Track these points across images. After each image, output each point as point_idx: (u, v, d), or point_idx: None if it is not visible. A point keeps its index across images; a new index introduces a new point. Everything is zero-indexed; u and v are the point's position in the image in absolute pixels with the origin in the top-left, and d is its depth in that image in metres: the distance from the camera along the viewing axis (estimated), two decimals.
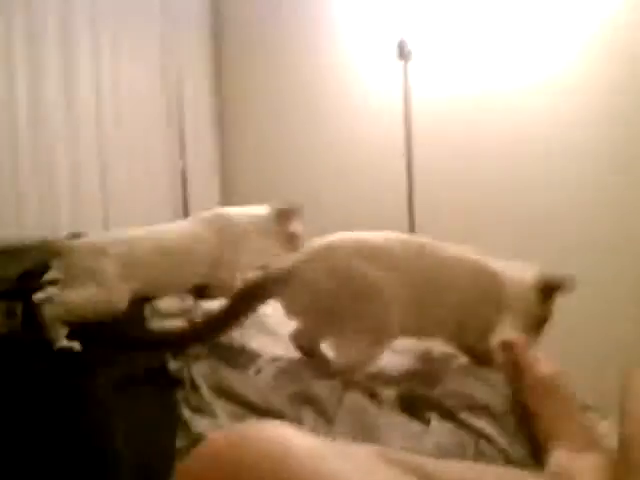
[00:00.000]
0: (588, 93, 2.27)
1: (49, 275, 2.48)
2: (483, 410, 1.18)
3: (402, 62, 2.47)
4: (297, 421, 1.19)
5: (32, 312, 1.85)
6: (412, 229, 2.37)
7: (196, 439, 1.14)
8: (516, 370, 1.21)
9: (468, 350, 1.43)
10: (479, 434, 1.13)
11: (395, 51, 2.47)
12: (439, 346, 1.47)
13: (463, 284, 1.36)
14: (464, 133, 2.56)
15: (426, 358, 1.48)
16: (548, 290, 1.36)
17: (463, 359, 1.45)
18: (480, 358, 1.40)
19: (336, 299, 1.31)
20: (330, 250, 1.35)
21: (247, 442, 0.65)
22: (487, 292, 1.36)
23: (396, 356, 1.46)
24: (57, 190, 3.41)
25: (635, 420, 0.81)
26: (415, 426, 1.15)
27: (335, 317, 1.32)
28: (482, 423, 1.15)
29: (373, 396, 1.26)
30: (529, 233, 2.35)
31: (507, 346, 1.26)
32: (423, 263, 1.36)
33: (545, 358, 1.21)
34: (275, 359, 1.45)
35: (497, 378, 1.29)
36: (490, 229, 1.90)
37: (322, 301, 1.32)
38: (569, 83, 2.30)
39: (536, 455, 1.08)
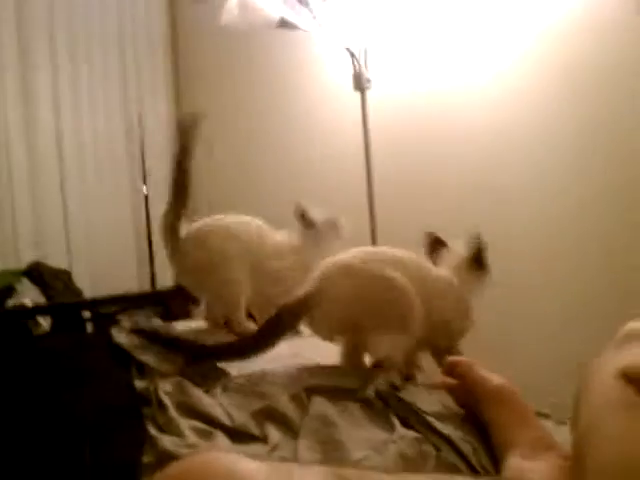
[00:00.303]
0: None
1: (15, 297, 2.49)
2: (449, 415, 1.22)
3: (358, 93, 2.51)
4: (262, 437, 1.21)
5: None
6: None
7: (163, 456, 1.16)
8: (465, 387, 1.24)
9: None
10: (445, 440, 1.14)
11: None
12: None
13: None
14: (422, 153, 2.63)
15: None
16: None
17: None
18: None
19: (371, 306, 1.39)
20: (361, 263, 1.42)
21: (192, 474, 0.68)
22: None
23: None
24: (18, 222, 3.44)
25: (592, 408, 0.80)
26: (380, 434, 1.16)
27: (371, 322, 1.39)
28: (447, 428, 1.17)
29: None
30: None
31: (450, 366, 1.30)
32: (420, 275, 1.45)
33: (489, 371, 1.25)
34: (241, 376, 1.48)
35: None
36: None
37: (356, 311, 1.40)
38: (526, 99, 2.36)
39: (498, 463, 1.10)
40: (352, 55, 2.47)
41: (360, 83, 2.48)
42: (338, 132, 2.98)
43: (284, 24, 2.49)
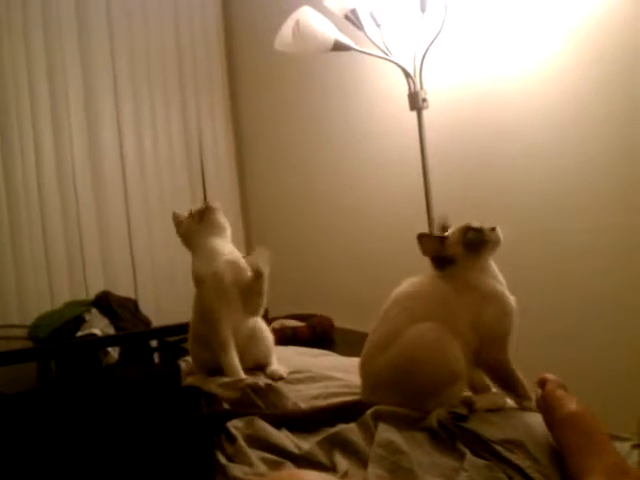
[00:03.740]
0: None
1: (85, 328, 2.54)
2: (517, 444, 1.19)
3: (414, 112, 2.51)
4: (330, 465, 1.21)
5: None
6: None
7: None
8: (546, 406, 1.23)
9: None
10: (514, 469, 1.13)
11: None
12: None
13: None
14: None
15: None
16: None
17: None
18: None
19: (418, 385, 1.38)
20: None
21: None
22: None
23: None
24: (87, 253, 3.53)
25: None
26: (449, 462, 1.15)
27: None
28: (517, 457, 1.15)
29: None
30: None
31: (541, 382, 1.29)
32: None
33: (572, 395, 1.23)
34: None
35: (527, 418, 1.31)
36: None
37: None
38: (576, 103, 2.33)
39: None
40: (407, 75, 2.47)
41: (416, 103, 2.47)
42: (395, 152, 2.98)
43: (339, 47, 2.50)
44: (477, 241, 1.43)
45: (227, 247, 1.92)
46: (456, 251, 1.44)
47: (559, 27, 2.31)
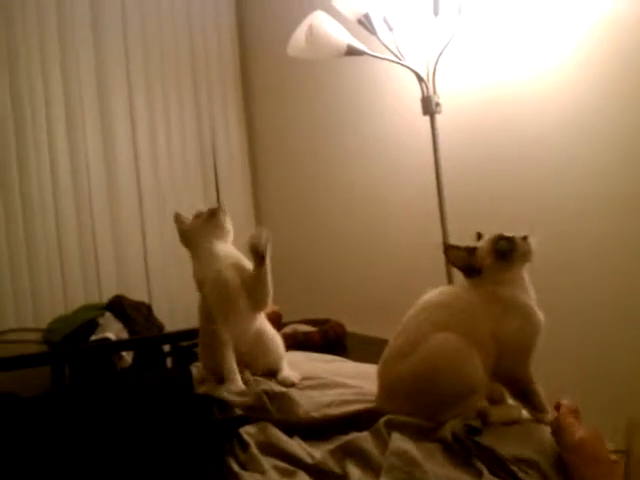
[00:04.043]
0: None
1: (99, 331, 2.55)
2: (530, 463, 1.19)
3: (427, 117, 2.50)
4: (342, 474, 1.21)
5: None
6: (449, 275, 2.37)
7: None
8: (557, 430, 1.24)
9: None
10: None
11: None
12: None
13: None
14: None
15: None
16: None
17: None
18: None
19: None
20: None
21: None
22: None
23: None
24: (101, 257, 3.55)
25: None
26: (464, 476, 1.15)
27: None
28: (531, 478, 1.15)
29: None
30: None
31: (556, 406, 1.31)
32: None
33: (581, 423, 1.23)
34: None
35: (542, 434, 1.30)
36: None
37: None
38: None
39: None
40: (420, 79, 2.46)
41: (429, 107, 2.46)
42: (408, 157, 2.97)
43: (352, 51, 2.50)
44: (507, 250, 1.42)
45: (228, 249, 1.92)
46: (486, 261, 1.43)
47: (572, 30, 2.31)
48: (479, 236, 1.49)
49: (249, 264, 1.88)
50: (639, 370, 2.13)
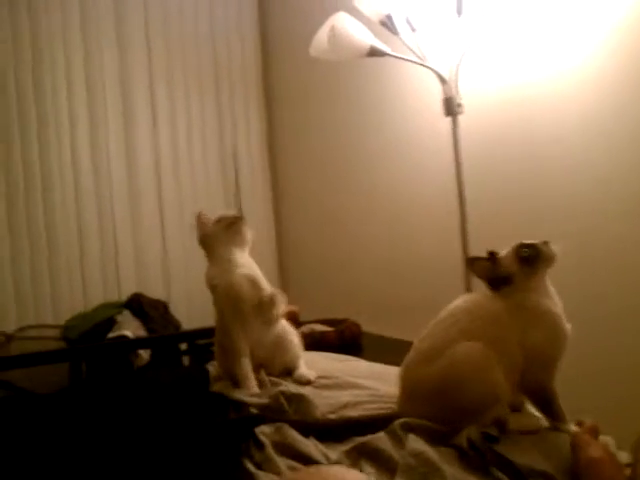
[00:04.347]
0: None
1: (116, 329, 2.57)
2: (548, 477, 1.17)
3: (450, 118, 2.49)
4: None
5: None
6: (467, 277, 2.35)
7: None
8: (573, 448, 1.22)
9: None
10: None
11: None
12: None
13: None
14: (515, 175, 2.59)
15: None
16: None
17: None
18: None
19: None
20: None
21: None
22: None
23: None
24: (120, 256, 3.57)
25: None
26: None
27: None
28: None
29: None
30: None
31: (578, 423, 1.31)
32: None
33: (599, 443, 1.22)
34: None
35: (560, 447, 1.28)
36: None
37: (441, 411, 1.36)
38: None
39: None
40: (442, 80, 2.45)
41: (451, 108, 2.45)
42: (429, 158, 2.96)
43: (374, 52, 2.49)
44: (532, 256, 1.41)
45: (245, 259, 1.91)
46: (512, 269, 1.42)
47: (594, 31, 2.29)
48: (491, 254, 1.47)
49: (263, 281, 1.88)
50: None
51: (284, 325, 1.95)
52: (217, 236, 1.91)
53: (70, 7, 3.48)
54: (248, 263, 1.90)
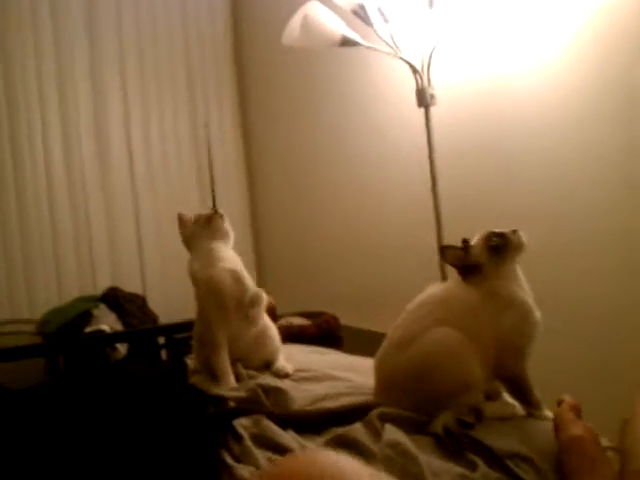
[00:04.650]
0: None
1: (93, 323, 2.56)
2: (525, 458, 1.18)
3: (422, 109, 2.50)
4: None
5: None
6: (443, 268, 2.37)
7: None
8: (555, 426, 1.24)
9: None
10: None
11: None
12: None
13: None
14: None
15: None
16: None
17: None
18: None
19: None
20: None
21: (297, 466, 0.69)
22: None
23: None
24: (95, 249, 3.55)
25: None
26: (456, 468, 1.14)
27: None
28: (526, 473, 1.15)
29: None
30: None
31: (559, 402, 1.30)
32: None
33: (579, 420, 1.23)
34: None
35: (537, 431, 1.30)
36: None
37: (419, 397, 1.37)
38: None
39: None
40: (415, 71, 2.46)
41: (424, 99, 2.46)
42: (402, 149, 2.97)
43: (346, 42, 2.49)
44: (501, 245, 1.43)
45: (228, 253, 1.92)
46: (481, 258, 1.44)
47: (567, 23, 2.30)
48: (465, 242, 1.49)
49: (247, 277, 1.89)
50: (633, 367, 2.13)
51: (265, 320, 1.95)
52: (198, 234, 1.92)
53: None
54: (231, 257, 1.91)
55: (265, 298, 1.88)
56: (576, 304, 2.31)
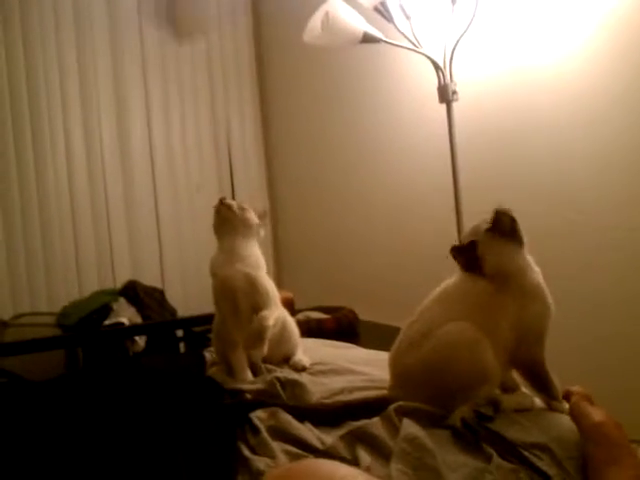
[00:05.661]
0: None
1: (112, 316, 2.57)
2: (543, 448, 1.17)
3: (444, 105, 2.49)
4: (353, 460, 1.21)
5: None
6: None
7: (256, 476, 1.18)
8: (573, 417, 1.22)
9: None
10: (540, 475, 1.11)
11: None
12: None
13: None
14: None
15: None
16: None
17: None
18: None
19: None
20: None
21: (297, 475, 0.69)
22: None
23: None
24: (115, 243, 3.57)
25: None
26: (474, 462, 1.13)
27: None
28: (544, 463, 1.13)
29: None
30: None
31: (566, 395, 1.30)
32: None
33: (597, 407, 1.22)
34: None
35: (555, 422, 1.29)
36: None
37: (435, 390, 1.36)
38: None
39: None
40: (437, 67, 2.45)
41: (446, 95, 2.45)
42: (424, 145, 2.96)
43: (368, 39, 2.49)
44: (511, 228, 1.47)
45: (250, 251, 1.88)
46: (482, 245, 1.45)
47: (589, 18, 2.29)
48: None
49: (263, 282, 1.85)
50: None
51: (285, 315, 1.94)
52: (218, 227, 1.90)
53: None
54: (253, 257, 1.87)
55: (270, 329, 1.81)
56: (591, 296, 2.31)
